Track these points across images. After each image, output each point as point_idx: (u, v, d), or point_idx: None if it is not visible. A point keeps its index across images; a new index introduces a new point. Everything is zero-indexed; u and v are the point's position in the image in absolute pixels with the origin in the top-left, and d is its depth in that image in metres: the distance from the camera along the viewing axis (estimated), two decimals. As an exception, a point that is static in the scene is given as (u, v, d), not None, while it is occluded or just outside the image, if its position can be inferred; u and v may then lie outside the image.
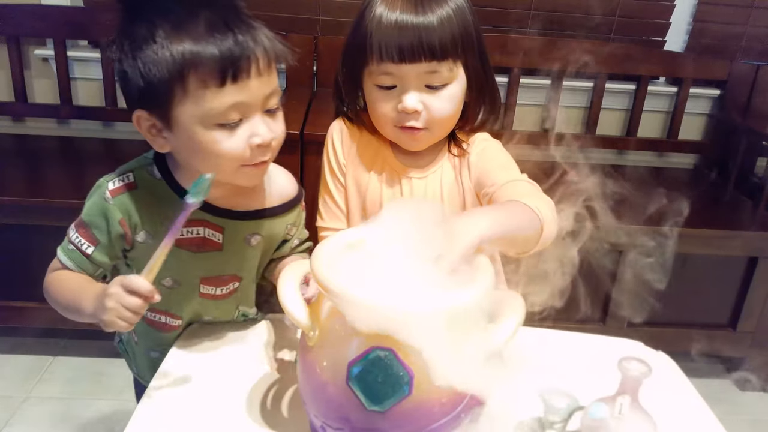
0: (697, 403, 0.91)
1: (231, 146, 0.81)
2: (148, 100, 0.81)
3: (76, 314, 0.86)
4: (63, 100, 2.19)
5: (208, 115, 0.79)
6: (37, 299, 1.92)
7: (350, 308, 0.65)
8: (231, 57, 0.77)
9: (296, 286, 0.72)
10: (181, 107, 0.79)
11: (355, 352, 0.66)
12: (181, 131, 0.81)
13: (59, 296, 0.89)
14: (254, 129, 0.81)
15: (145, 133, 0.84)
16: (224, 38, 0.77)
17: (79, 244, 0.89)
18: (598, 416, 0.74)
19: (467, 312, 0.68)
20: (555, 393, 0.84)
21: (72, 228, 0.90)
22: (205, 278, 0.95)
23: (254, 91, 0.80)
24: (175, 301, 0.95)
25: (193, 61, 0.77)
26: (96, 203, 0.89)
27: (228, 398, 0.85)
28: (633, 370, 0.72)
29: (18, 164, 2.07)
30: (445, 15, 0.91)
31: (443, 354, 0.66)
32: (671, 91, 2.35)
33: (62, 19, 2.10)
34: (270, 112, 0.84)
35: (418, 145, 1.00)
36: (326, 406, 0.70)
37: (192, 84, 0.78)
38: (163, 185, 0.89)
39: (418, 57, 0.90)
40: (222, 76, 0.77)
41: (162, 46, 0.77)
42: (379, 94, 0.96)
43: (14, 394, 1.83)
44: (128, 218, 0.88)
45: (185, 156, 0.85)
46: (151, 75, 0.78)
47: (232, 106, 0.79)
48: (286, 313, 0.70)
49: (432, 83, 0.93)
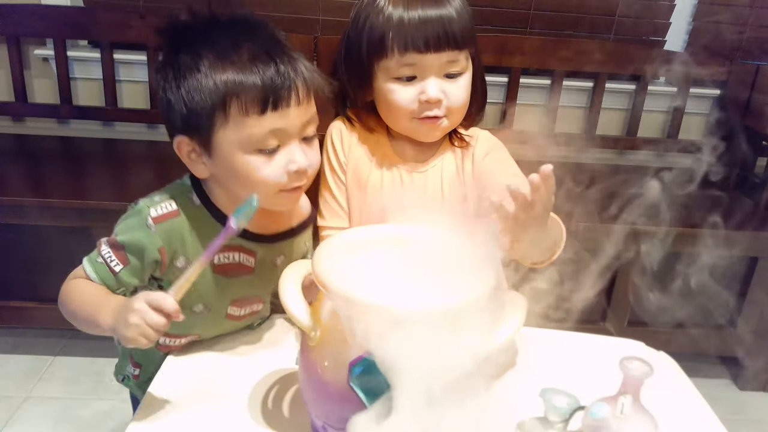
0: (699, 403, 0.91)
1: (269, 172, 0.84)
2: (190, 127, 0.84)
3: (92, 326, 0.84)
4: (63, 100, 2.19)
5: (248, 141, 0.82)
6: (37, 299, 1.95)
7: (350, 309, 0.65)
8: (273, 86, 0.81)
9: (297, 286, 0.72)
10: (222, 133, 0.82)
11: (356, 352, 0.66)
12: (221, 157, 0.84)
13: (76, 305, 0.87)
14: (292, 156, 0.84)
15: (185, 158, 0.87)
16: (266, 68, 0.81)
17: (108, 260, 0.87)
18: (599, 416, 0.74)
19: (468, 312, 0.68)
20: (556, 393, 0.84)
21: (104, 243, 0.89)
22: (234, 300, 0.95)
23: (293, 119, 0.83)
24: (201, 324, 0.95)
25: (236, 89, 0.80)
26: (136, 227, 0.87)
27: (229, 398, 0.85)
28: (634, 370, 0.72)
29: (18, 164, 2.06)
30: (459, 5, 0.96)
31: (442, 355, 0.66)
32: (671, 91, 2.35)
33: (62, 19, 2.10)
34: (307, 140, 0.87)
35: (436, 135, 1.02)
36: (327, 406, 0.70)
37: (234, 110, 0.81)
38: (203, 211, 0.90)
39: (443, 46, 0.94)
40: (263, 104, 0.81)
41: (206, 75, 0.80)
42: (398, 87, 0.98)
43: (14, 394, 1.83)
44: (168, 246, 0.88)
45: (224, 181, 0.88)
46: (194, 102, 0.81)
47: (271, 132, 0.82)
48: (288, 313, 0.70)
49: (451, 71, 0.97)
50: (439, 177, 1.04)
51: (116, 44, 2.13)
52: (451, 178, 1.04)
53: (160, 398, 0.85)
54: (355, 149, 1.06)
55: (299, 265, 0.75)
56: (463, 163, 1.04)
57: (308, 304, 0.72)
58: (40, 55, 2.21)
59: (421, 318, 0.64)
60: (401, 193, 1.04)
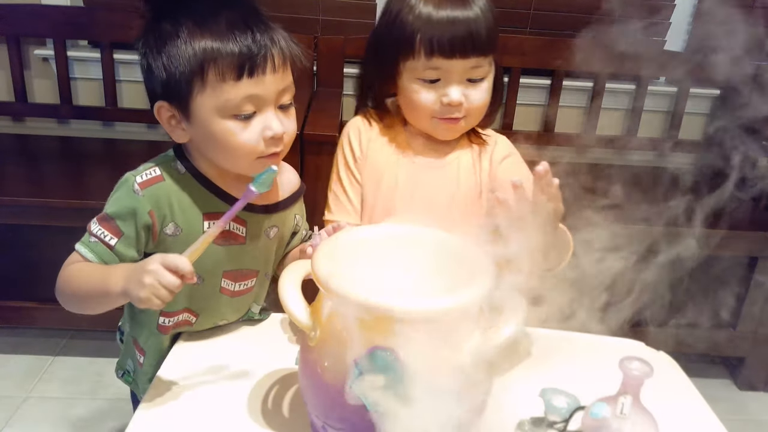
0: (699, 403, 0.91)
1: (245, 137, 0.87)
2: (169, 92, 0.87)
3: (99, 298, 0.85)
4: (63, 100, 2.19)
5: (224, 107, 0.85)
6: (37, 299, 1.95)
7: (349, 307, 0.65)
8: (249, 53, 0.84)
9: (297, 286, 0.72)
10: (200, 98, 0.85)
11: (356, 352, 0.65)
12: (199, 122, 0.87)
13: (79, 284, 0.87)
14: (267, 122, 0.87)
15: (165, 123, 0.90)
16: (243, 36, 0.84)
17: (102, 237, 0.89)
18: (599, 416, 0.74)
19: (468, 312, 0.68)
20: (556, 393, 0.84)
21: (94, 222, 0.90)
22: (227, 272, 0.96)
23: (268, 86, 0.86)
24: (195, 297, 0.96)
25: (213, 55, 0.83)
26: (123, 197, 0.90)
27: (229, 398, 0.85)
28: (635, 370, 0.72)
29: (18, 164, 2.06)
30: (485, 8, 0.98)
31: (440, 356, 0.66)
32: (671, 91, 2.34)
33: (62, 19, 2.10)
34: (283, 108, 0.90)
35: (454, 135, 1.05)
36: (327, 406, 0.70)
37: (211, 76, 0.84)
38: (188, 178, 0.92)
39: (469, 52, 0.97)
40: (239, 70, 0.84)
41: (185, 42, 0.84)
42: (422, 88, 1.00)
43: (14, 394, 1.83)
44: (157, 210, 0.89)
45: (203, 147, 0.90)
46: (173, 68, 0.85)
47: (246, 98, 0.85)
48: (287, 313, 0.70)
49: (474, 77, 0.99)
50: (455, 173, 1.06)
51: (116, 44, 2.13)
52: (467, 175, 1.06)
53: (159, 398, 0.85)
54: (373, 145, 1.08)
55: (299, 266, 0.75)
56: (480, 161, 1.06)
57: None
58: (40, 55, 2.21)
59: (421, 318, 0.64)
60: (416, 189, 1.05)
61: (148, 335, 0.97)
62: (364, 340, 0.66)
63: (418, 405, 0.65)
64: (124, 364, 1.05)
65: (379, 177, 1.07)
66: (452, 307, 0.65)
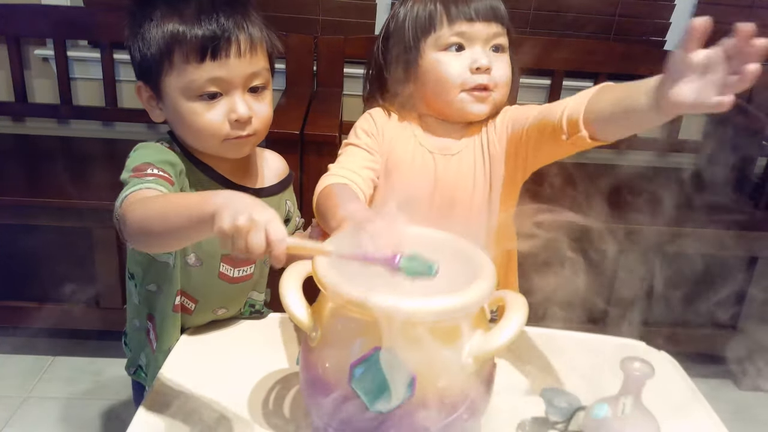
0: (700, 404, 0.91)
1: (210, 118, 0.90)
2: (144, 73, 0.93)
3: (194, 223, 0.70)
4: (63, 100, 2.19)
5: (189, 88, 0.89)
6: (37, 299, 1.94)
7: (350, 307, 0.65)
8: (212, 37, 0.87)
9: (298, 287, 0.72)
10: (168, 79, 0.90)
11: (357, 353, 0.66)
12: (168, 102, 0.92)
13: (175, 207, 0.74)
14: (233, 105, 0.90)
15: (145, 103, 0.96)
16: (209, 20, 0.88)
17: (158, 173, 0.85)
18: (600, 416, 0.74)
19: (468, 312, 0.68)
20: (557, 393, 0.84)
21: (132, 173, 0.85)
22: (225, 256, 0.98)
23: (233, 69, 0.89)
24: (195, 281, 0.97)
25: (179, 38, 0.88)
26: (153, 152, 0.91)
27: (230, 399, 0.85)
28: (636, 370, 0.72)
29: (18, 164, 2.06)
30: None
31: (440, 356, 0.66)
32: (671, 91, 2.34)
33: (62, 19, 2.10)
34: (254, 92, 0.92)
35: (485, 109, 1.02)
36: (329, 408, 0.69)
37: (176, 58, 0.88)
38: (182, 156, 0.95)
39: (490, 17, 0.99)
40: (202, 52, 0.87)
41: (157, 25, 0.89)
42: (448, 57, 1.00)
43: (14, 394, 1.83)
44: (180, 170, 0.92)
45: (174, 127, 0.95)
46: (146, 50, 0.90)
47: (210, 80, 0.88)
48: (288, 313, 0.70)
49: (497, 43, 1.01)
50: (471, 162, 1.04)
51: (116, 44, 2.13)
52: (483, 153, 1.05)
53: (160, 398, 0.85)
54: (387, 133, 1.07)
55: (299, 266, 0.75)
56: (489, 142, 1.05)
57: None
58: (40, 55, 2.21)
59: (421, 318, 0.64)
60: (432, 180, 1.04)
61: (164, 317, 0.97)
62: (365, 340, 0.66)
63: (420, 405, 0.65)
64: (137, 360, 1.06)
65: (394, 165, 1.06)
66: (453, 307, 0.65)
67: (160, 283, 0.97)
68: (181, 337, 0.98)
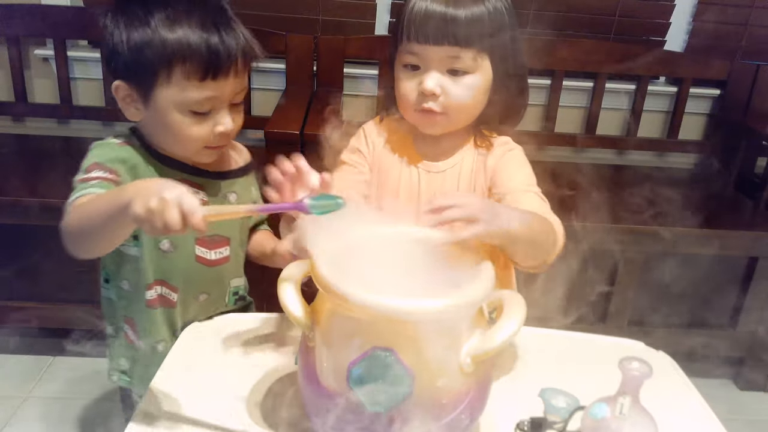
0: (699, 404, 0.91)
1: (199, 131, 0.93)
2: (131, 76, 0.91)
3: (115, 215, 0.76)
4: (63, 100, 2.19)
5: (184, 102, 0.90)
6: (37, 299, 1.95)
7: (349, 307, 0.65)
8: (216, 57, 0.88)
9: (296, 286, 0.72)
10: (162, 90, 0.90)
11: (355, 353, 0.66)
12: (156, 109, 0.92)
13: (97, 207, 0.81)
14: (221, 119, 0.93)
15: (120, 101, 0.95)
16: (213, 37, 0.88)
17: (102, 175, 0.90)
18: (599, 416, 0.74)
19: (468, 312, 0.68)
20: (555, 393, 0.84)
21: (81, 176, 0.91)
22: (199, 239, 1.00)
23: (227, 87, 0.92)
24: (172, 267, 0.99)
25: (182, 54, 0.87)
26: (104, 151, 0.94)
27: (228, 399, 0.85)
28: (634, 370, 0.72)
29: (18, 164, 2.07)
30: (477, 10, 0.94)
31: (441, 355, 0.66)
32: (671, 91, 2.34)
33: (62, 19, 2.10)
34: (234, 105, 0.95)
35: (435, 130, 1.01)
36: (327, 407, 0.69)
37: (176, 73, 0.88)
38: (143, 150, 0.98)
39: (441, 40, 0.94)
40: (205, 72, 0.88)
41: (155, 31, 0.87)
42: (404, 75, 0.98)
43: (14, 394, 1.83)
44: (134, 167, 0.95)
45: (152, 130, 0.97)
46: (140, 55, 0.88)
47: (207, 99, 0.91)
48: (287, 313, 0.70)
49: (454, 67, 0.96)
50: (456, 179, 1.04)
51: (116, 44, 2.13)
52: (467, 182, 1.04)
53: (159, 398, 0.85)
54: (382, 145, 1.06)
55: (298, 266, 0.75)
56: (485, 164, 1.04)
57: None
58: (40, 55, 2.21)
59: (421, 318, 0.64)
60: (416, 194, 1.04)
61: (140, 314, 1.00)
62: (363, 340, 0.66)
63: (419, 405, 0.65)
64: (118, 365, 1.07)
65: (382, 180, 1.06)
66: (452, 307, 0.65)
67: (131, 279, 0.99)
68: (180, 337, 0.98)
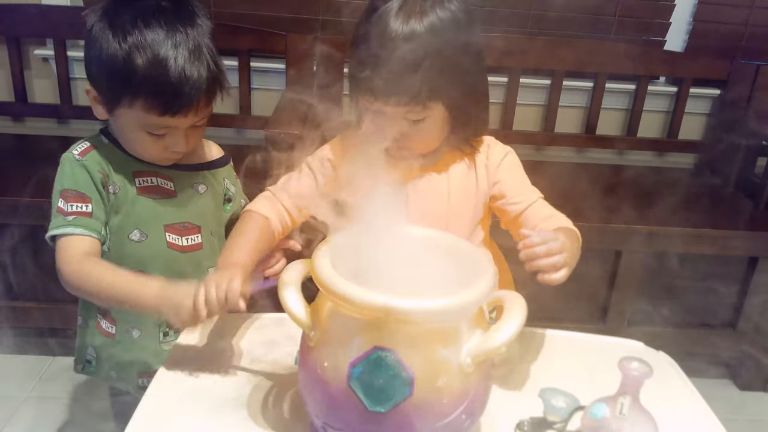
0: (699, 404, 0.91)
1: (153, 147, 1.00)
2: (101, 86, 0.98)
3: (132, 308, 0.93)
4: (63, 100, 2.19)
5: (142, 126, 0.97)
6: (37, 299, 1.94)
7: (349, 307, 0.65)
8: (178, 99, 0.93)
9: (297, 286, 0.72)
10: (123, 110, 0.96)
11: (356, 353, 0.66)
12: (116, 121, 1.00)
13: (108, 292, 0.93)
14: (176, 141, 1.00)
15: (90, 100, 1.01)
16: (178, 76, 0.92)
17: (76, 209, 0.96)
18: (598, 416, 0.74)
19: (468, 312, 0.68)
20: (555, 393, 0.84)
21: (59, 203, 0.97)
22: (168, 226, 1.05)
23: (185, 120, 0.98)
24: (147, 255, 1.03)
25: (147, 88, 0.92)
26: (69, 169, 1.00)
27: (228, 399, 0.85)
28: (634, 370, 0.72)
29: (18, 164, 2.06)
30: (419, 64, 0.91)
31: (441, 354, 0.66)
32: (671, 91, 2.34)
33: (62, 19, 2.09)
34: (195, 126, 1.01)
35: (408, 157, 1.01)
36: (327, 407, 0.70)
37: (138, 102, 0.94)
38: (113, 147, 1.03)
39: (399, 102, 0.93)
40: (165, 109, 0.94)
41: (126, 58, 0.92)
42: (373, 117, 0.99)
43: (14, 394, 1.83)
44: (100, 167, 1.01)
45: (116, 132, 1.03)
46: (109, 75, 0.95)
47: (164, 127, 0.97)
48: (287, 312, 0.70)
49: (413, 119, 0.95)
50: (446, 184, 1.04)
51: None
52: (458, 184, 1.03)
53: (158, 398, 0.85)
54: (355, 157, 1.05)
55: (299, 266, 0.75)
56: (476, 168, 1.04)
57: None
58: (40, 55, 2.21)
59: (421, 318, 0.64)
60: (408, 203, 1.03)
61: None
62: (363, 340, 0.66)
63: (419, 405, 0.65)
64: (83, 356, 1.11)
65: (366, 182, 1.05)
66: (452, 307, 0.65)
67: None
68: (180, 336, 0.98)
